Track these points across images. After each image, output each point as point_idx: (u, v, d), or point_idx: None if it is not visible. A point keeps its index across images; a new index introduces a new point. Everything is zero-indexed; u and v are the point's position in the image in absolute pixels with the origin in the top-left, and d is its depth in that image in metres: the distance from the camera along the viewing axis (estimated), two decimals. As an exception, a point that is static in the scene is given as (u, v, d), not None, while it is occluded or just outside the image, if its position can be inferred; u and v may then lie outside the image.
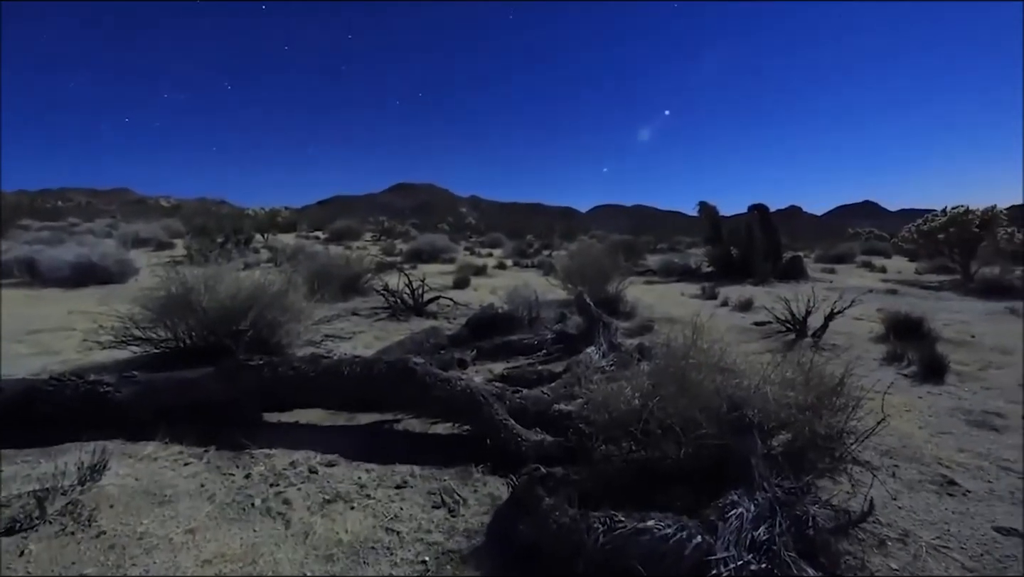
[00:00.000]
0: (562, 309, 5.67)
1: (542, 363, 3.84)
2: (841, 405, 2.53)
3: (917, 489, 2.36)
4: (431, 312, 5.93)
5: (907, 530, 2.02)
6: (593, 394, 2.58)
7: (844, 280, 10.84)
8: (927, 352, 4.16)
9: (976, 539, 1.98)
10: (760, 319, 5.99)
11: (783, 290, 8.33)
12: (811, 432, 2.41)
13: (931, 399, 3.54)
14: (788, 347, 4.92)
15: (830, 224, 71.66)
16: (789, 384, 2.59)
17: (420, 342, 3.95)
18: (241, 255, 10.29)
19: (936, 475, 2.48)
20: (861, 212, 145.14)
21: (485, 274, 10.54)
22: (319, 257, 7.71)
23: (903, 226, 13.48)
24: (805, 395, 2.53)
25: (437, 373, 2.74)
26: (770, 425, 2.48)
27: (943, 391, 3.71)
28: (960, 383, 3.88)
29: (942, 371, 3.98)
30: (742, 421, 2.26)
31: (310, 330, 4.15)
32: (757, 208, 12.39)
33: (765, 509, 1.82)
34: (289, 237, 18.01)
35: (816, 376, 2.60)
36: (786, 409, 2.47)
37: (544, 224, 34.95)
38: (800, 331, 5.20)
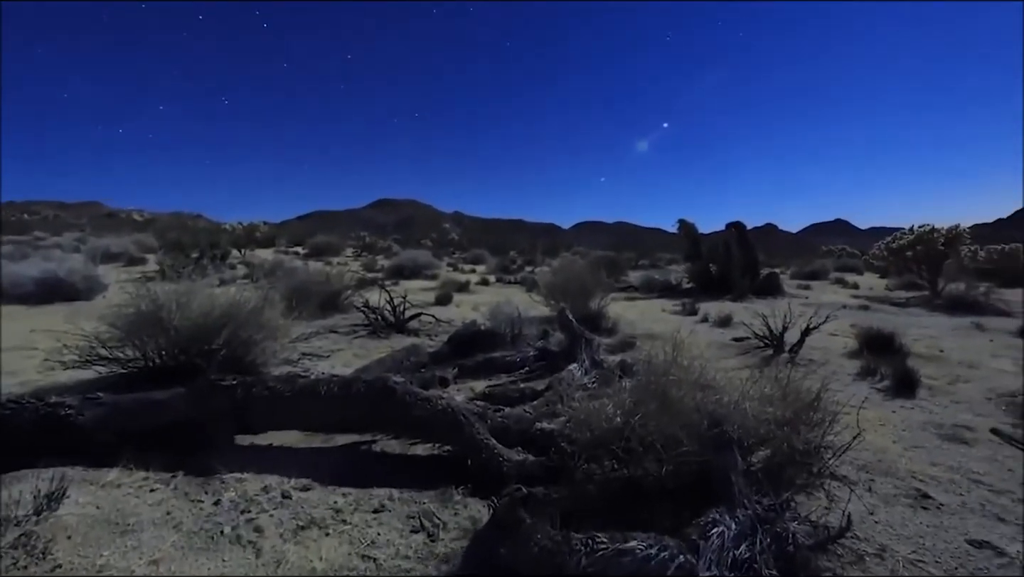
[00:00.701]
0: (545, 326, 5.68)
1: (524, 380, 3.82)
2: (818, 420, 2.57)
3: (893, 503, 2.39)
4: (413, 329, 5.87)
5: (884, 545, 2.04)
6: (575, 412, 2.57)
7: (819, 296, 11.12)
8: (899, 367, 4.27)
9: (950, 552, 2.01)
10: (739, 335, 6.08)
11: (761, 306, 8.51)
12: (789, 448, 2.44)
13: (904, 413, 3.63)
14: (766, 362, 5.00)
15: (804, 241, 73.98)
16: (767, 400, 2.63)
17: (400, 360, 3.90)
18: (217, 271, 10.05)
19: (911, 489, 2.52)
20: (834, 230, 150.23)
21: (468, 290, 10.50)
22: (298, 273, 7.58)
23: (873, 244, 13.96)
24: (783, 410, 2.57)
25: (417, 392, 2.69)
26: (750, 441, 2.50)
27: (915, 405, 3.80)
28: (931, 397, 3.99)
29: (914, 385, 4.09)
30: (722, 437, 2.27)
31: (287, 348, 4.05)
32: (734, 225, 12.70)
33: (746, 527, 1.82)
34: (267, 252, 17.70)
35: (793, 391, 2.64)
36: (765, 425, 2.50)
37: (527, 240, 35.18)
38: (778, 346, 5.30)
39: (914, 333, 6.39)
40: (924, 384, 4.16)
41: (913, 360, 4.80)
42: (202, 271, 8.56)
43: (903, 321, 7.58)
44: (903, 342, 5.35)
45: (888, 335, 5.38)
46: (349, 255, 20.17)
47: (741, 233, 12.47)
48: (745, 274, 11.45)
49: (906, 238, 11.79)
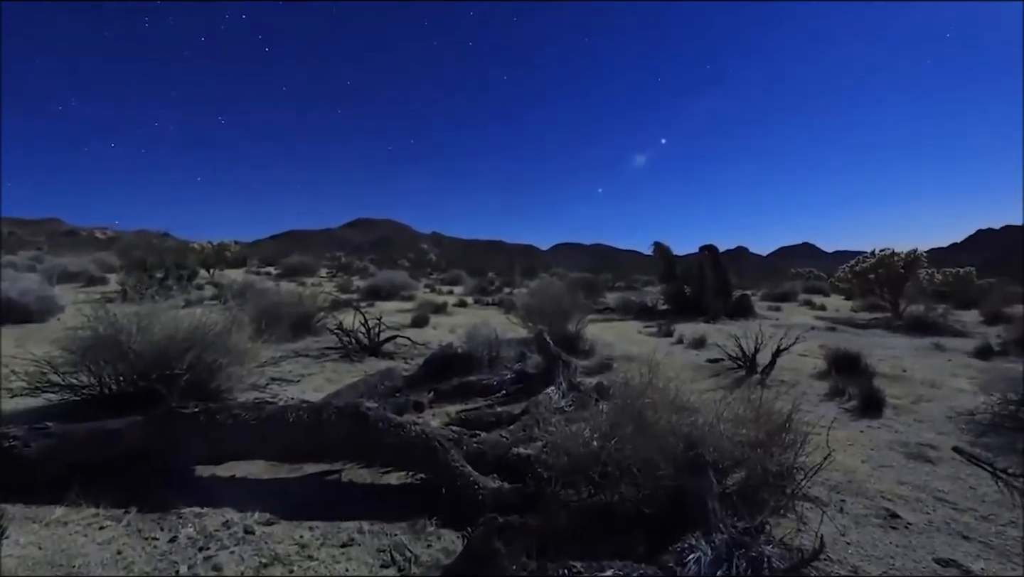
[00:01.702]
0: (522, 348, 5.65)
1: (501, 404, 3.77)
2: (790, 441, 2.61)
3: (863, 524, 2.42)
4: (388, 352, 5.75)
5: (856, 566, 2.05)
6: (552, 436, 2.54)
7: (788, 317, 11.45)
8: (866, 387, 4.40)
9: (919, 572, 2.04)
10: (713, 356, 6.18)
11: (734, 327, 8.69)
12: (763, 469, 2.46)
13: (871, 433, 3.72)
14: (739, 383, 5.08)
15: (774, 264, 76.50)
16: (741, 421, 2.66)
17: (374, 385, 3.80)
18: (183, 292, 9.71)
19: (880, 509, 2.56)
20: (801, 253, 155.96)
21: (445, 312, 10.41)
22: (269, 294, 7.37)
23: (838, 266, 14.52)
24: (756, 432, 2.60)
25: (391, 418, 2.62)
26: (724, 463, 2.52)
27: (881, 424, 3.91)
28: (896, 416, 4.11)
29: (880, 405, 4.21)
30: (698, 460, 2.28)
31: (254, 373, 3.91)
32: (708, 248, 13.05)
33: (722, 551, 1.81)
34: (238, 273, 17.24)
35: (766, 413, 2.69)
36: (739, 447, 2.52)
37: (505, 261, 35.29)
38: (750, 368, 5.40)
39: (879, 353, 6.62)
40: (889, 404, 4.29)
41: (879, 380, 4.95)
42: (167, 292, 8.26)
43: (868, 342, 7.84)
44: (869, 362, 5.52)
45: (854, 356, 5.55)
46: (324, 276, 19.82)
47: (714, 256, 12.81)
48: (718, 296, 11.72)
49: (868, 261, 12.32)
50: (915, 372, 5.67)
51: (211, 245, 17.55)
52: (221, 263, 17.50)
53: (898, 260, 11.82)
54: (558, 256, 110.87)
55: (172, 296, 7.42)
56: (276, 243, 42.04)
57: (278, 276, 17.60)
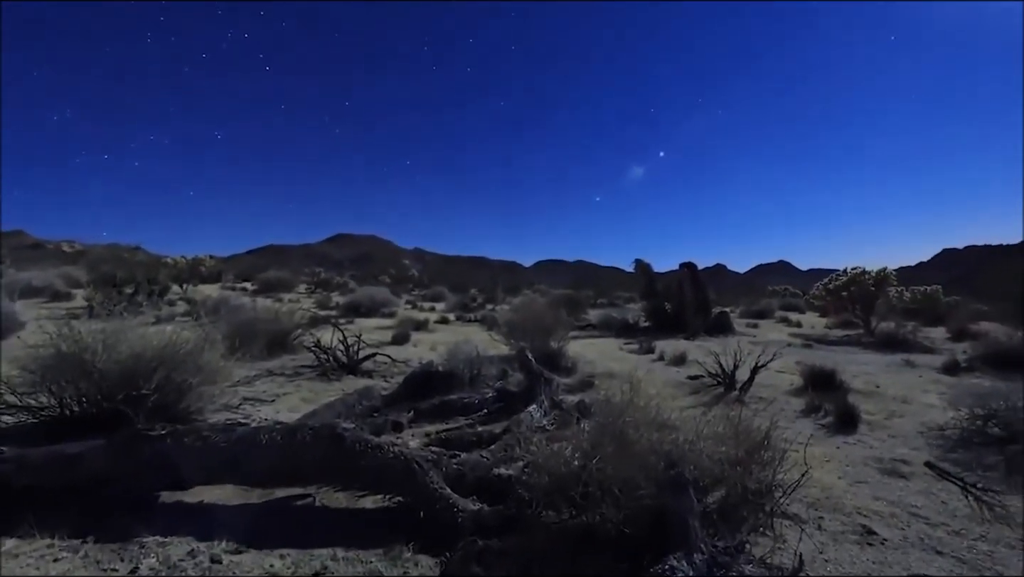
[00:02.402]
0: (504, 365, 5.61)
1: (482, 423, 3.72)
2: (768, 459, 2.63)
3: (840, 540, 2.44)
4: (367, 370, 5.64)
5: (836, 585, 2.05)
6: (533, 456, 2.51)
7: (766, 334, 11.67)
8: (841, 403, 4.49)
9: (897, 590, 2.05)
10: (693, 373, 6.24)
11: (713, 344, 8.81)
12: (743, 488, 2.47)
13: (847, 449, 3.78)
14: (719, 400, 5.12)
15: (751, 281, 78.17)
16: (721, 439, 2.68)
17: (352, 404, 3.71)
18: (153, 308, 9.41)
19: (857, 525, 2.59)
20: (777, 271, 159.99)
21: (426, 329, 10.31)
22: (244, 310, 7.18)
23: (813, 284, 14.91)
24: (736, 449, 2.62)
25: (368, 439, 2.56)
26: (705, 481, 2.52)
27: (857, 440, 3.98)
28: (870, 432, 4.19)
29: (855, 421, 4.29)
30: (679, 479, 2.27)
31: (227, 393, 3.78)
32: (687, 266, 13.28)
33: (703, 571, 1.79)
34: (212, 288, 16.81)
35: (745, 430, 2.71)
36: (719, 465, 2.53)
37: (488, 277, 35.24)
38: (729, 384, 5.46)
39: (853, 370, 6.77)
40: (864, 420, 4.37)
41: (853, 396, 5.06)
42: (136, 308, 7.98)
43: (842, 358, 8.03)
44: (843, 379, 5.64)
45: (830, 372, 5.67)
46: (302, 291, 19.48)
47: (693, 273, 13.04)
48: (698, 313, 11.90)
49: (841, 279, 12.69)
50: (888, 388, 5.81)
51: (185, 260, 17.13)
52: (195, 278, 17.07)
53: (868, 278, 12.21)
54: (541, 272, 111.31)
55: (142, 312, 7.18)
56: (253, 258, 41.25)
57: (255, 292, 17.23)
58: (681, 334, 10.92)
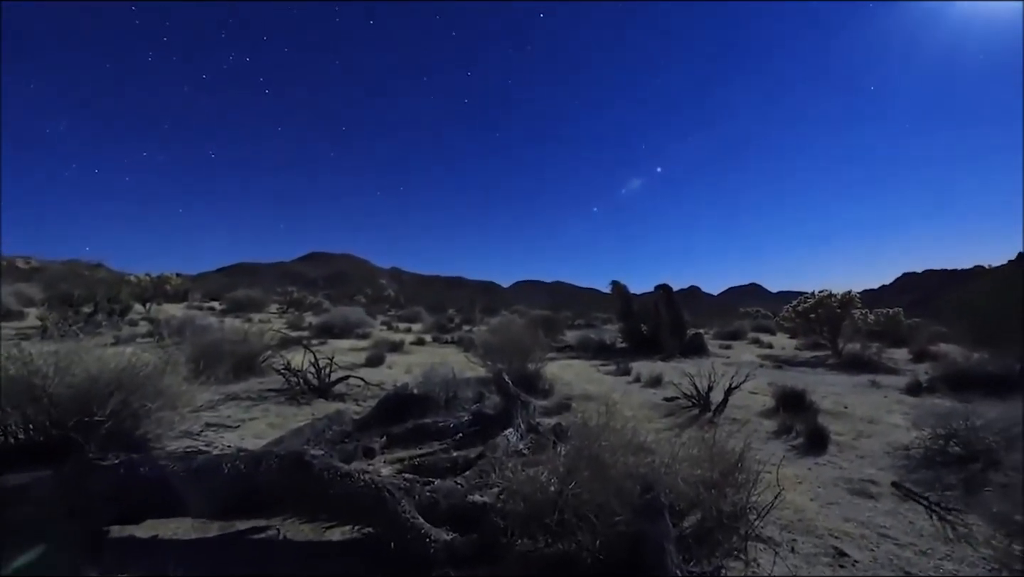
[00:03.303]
0: (481, 388, 5.54)
1: (457, 448, 3.63)
2: (743, 481, 2.64)
3: (813, 563, 2.45)
4: (338, 394, 5.48)
5: (811, 610, 2.05)
6: (509, 483, 2.46)
7: (739, 355, 11.89)
8: (811, 424, 4.57)
9: (869, 613, 2.06)
10: (669, 394, 6.28)
11: (688, 366, 8.92)
12: (718, 511, 2.47)
13: (818, 469, 3.83)
14: (694, 421, 5.16)
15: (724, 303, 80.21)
16: (696, 462, 2.68)
17: (321, 430, 3.58)
18: (113, 328, 8.99)
19: (829, 547, 2.61)
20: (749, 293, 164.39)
21: (402, 350, 10.13)
22: (210, 331, 6.92)
23: (783, 306, 15.33)
24: (711, 471, 2.62)
25: (338, 467, 2.46)
26: (680, 505, 2.51)
27: (827, 461, 4.04)
28: (840, 452, 4.27)
29: (825, 442, 4.37)
30: (654, 504, 2.26)
31: (188, 419, 3.60)
32: (663, 288, 13.53)
33: (680, 602, 1.77)
34: (178, 308, 16.22)
35: (719, 452, 2.72)
36: (694, 488, 2.53)
37: (466, 298, 35.14)
38: (704, 406, 5.51)
39: (822, 391, 6.93)
40: (833, 440, 4.45)
41: (822, 416, 5.16)
42: (94, 328, 7.61)
43: (812, 379, 8.23)
44: (813, 399, 5.77)
45: (800, 393, 5.79)
46: (273, 311, 18.98)
47: (669, 295, 13.28)
48: (673, 334, 12.07)
49: (809, 302, 13.10)
50: (855, 408, 5.97)
51: (150, 277, 16.49)
52: (160, 297, 16.45)
53: (835, 301, 12.65)
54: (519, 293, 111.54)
55: (100, 333, 6.84)
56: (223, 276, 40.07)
57: (223, 312, 16.69)
58: (657, 355, 11.04)
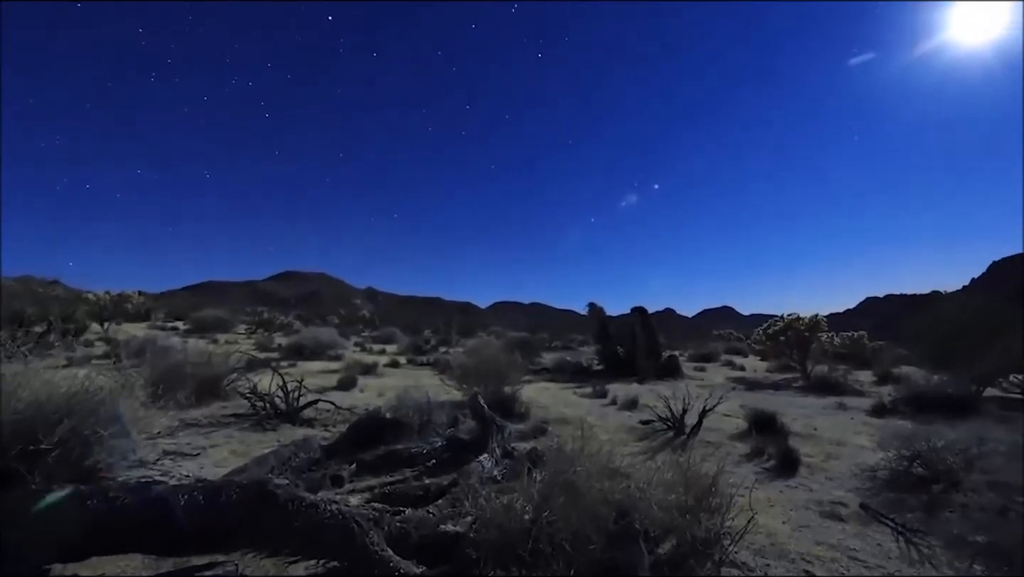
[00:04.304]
0: (456, 412, 5.44)
1: (430, 475, 3.53)
2: (716, 505, 2.65)
3: (788, 589, 2.45)
4: (307, 418, 5.28)
5: (785, 638, 2.03)
6: (482, 511, 2.40)
7: (712, 377, 12.08)
8: (782, 447, 4.64)
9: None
10: (645, 417, 6.29)
11: (663, 388, 9.00)
12: (692, 537, 2.46)
13: (789, 493, 3.87)
14: (669, 444, 5.17)
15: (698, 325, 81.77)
16: (671, 486, 2.68)
17: (287, 457, 3.43)
18: (67, 349, 8.52)
19: (801, 571, 2.62)
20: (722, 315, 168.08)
21: (375, 373, 9.90)
22: (172, 353, 6.61)
23: (754, 328, 15.69)
24: (686, 496, 2.62)
25: (303, 497, 2.35)
26: (655, 532, 2.50)
27: (798, 484, 4.09)
28: (810, 474, 4.33)
29: (795, 464, 4.44)
30: (629, 531, 2.23)
31: (144, 446, 3.41)
32: (638, 310, 13.72)
33: (656, 634, 1.73)
34: (139, 327, 15.53)
35: (694, 476, 2.73)
36: (669, 513, 2.52)
37: (443, 319, 34.81)
38: (679, 429, 5.54)
39: (792, 413, 7.07)
40: (804, 462, 4.52)
41: (793, 439, 5.25)
42: (46, 349, 7.19)
43: (782, 401, 8.40)
44: (784, 421, 5.87)
45: (771, 415, 5.89)
46: (241, 332, 18.38)
47: (644, 317, 13.47)
48: (649, 356, 12.19)
49: (779, 324, 13.47)
50: (824, 431, 6.09)
51: (109, 296, 15.77)
52: (119, 316, 15.74)
53: (803, 324, 13.04)
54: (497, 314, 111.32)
55: (51, 354, 6.46)
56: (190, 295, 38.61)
57: (187, 332, 16.07)
58: (633, 378, 11.11)
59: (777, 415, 5.92)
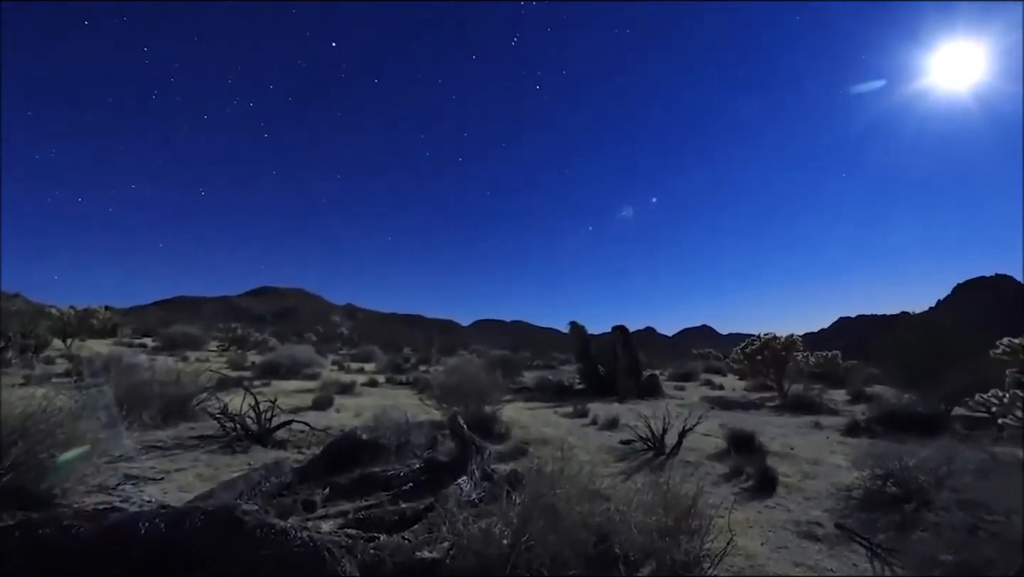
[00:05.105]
0: (435, 432, 5.35)
1: (407, 499, 3.43)
2: (696, 527, 2.64)
3: (767, 613, 2.43)
4: (280, 440, 5.10)
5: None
6: (460, 537, 2.34)
7: (692, 396, 12.15)
8: (761, 467, 4.67)
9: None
10: (625, 437, 6.28)
11: (644, 407, 9.00)
12: (672, 560, 2.44)
13: (767, 513, 3.89)
14: (649, 464, 5.15)
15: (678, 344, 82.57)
16: (651, 508, 2.67)
17: (257, 481, 3.29)
18: (25, 366, 8.12)
19: (780, 595, 2.60)
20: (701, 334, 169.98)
21: (352, 392, 9.67)
22: (139, 371, 6.33)
23: (733, 348, 15.88)
24: (665, 518, 2.61)
25: (272, 523, 2.26)
26: (634, 556, 2.47)
27: (776, 504, 4.11)
28: (788, 494, 4.36)
29: (773, 484, 4.47)
30: (608, 555, 2.20)
31: (104, 470, 3.24)
32: (619, 329, 13.79)
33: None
34: (104, 344, 14.93)
35: (674, 497, 2.72)
36: (648, 536, 2.50)
37: (423, 337, 34.45)
38: (659, 449, 5.54)
39: (769, 432, 7.15)
40: (781, 482, 4.55)
41: (771, 458, 5.29)
42: (2, 366, 6.84)
43: (760, 420, 8.49)
44: (762, 441, 5.92)
45: (749, 435, 5.94)
46: (213, 349, 17.83)
47: (625, 336, 13.53)
48: (629, 375, 12.23)
49: (756, 344, 13.69)
50: (801, 450, 6.16)
51: (74, 311, 15.14)
52: (83, 332, 15.11)
53: (779, 343, 13.28)
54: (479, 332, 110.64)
55: (7, 373, 6.14)
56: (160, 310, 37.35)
57: (156, 349, 15.51)
58: (614, 397, 11.11)
59: (755, 434, 5.97)
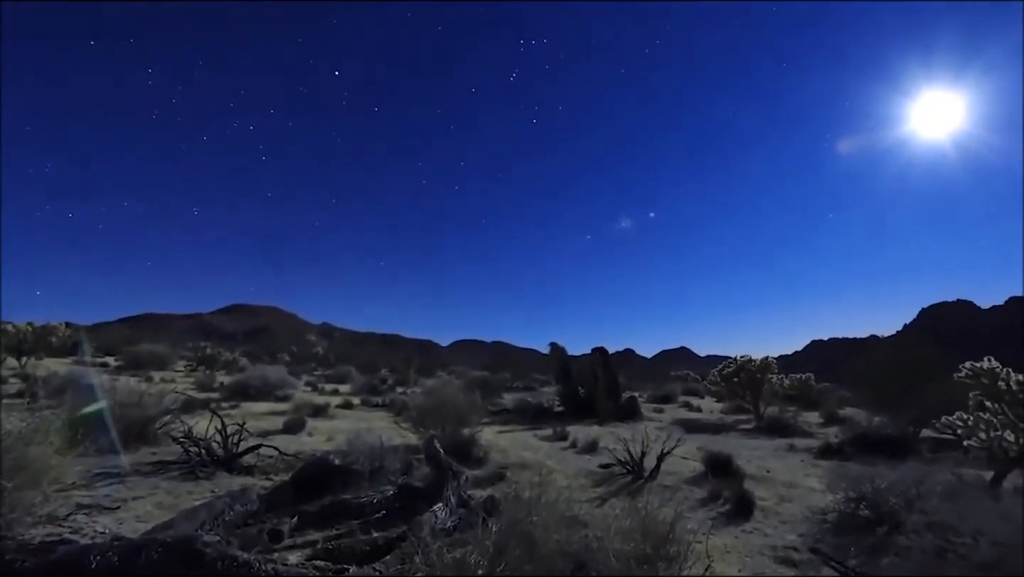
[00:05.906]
0: (410, 457, 5.21)
1: (379, 527, 3.31)
2: (674, 554, 2.61)
3: (746, 642, 2.40)
4: (247, 466, 4.88)
5: None
6: (433, 568, 2.26)
7: (671, 418, 12.20)
8: (737, 491, 4.68)
9: None
10: (604, 460, 6.23)
11: (623, 430, 8.99)
12: (651, 590, 2.39)
13: (745, 538, 3.88)
14: (627, 488, 5.11)
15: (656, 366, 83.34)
16: (628, 534, 2.62)
17: (221, 510, 3.13)
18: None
19: (759, 623, 2.58)
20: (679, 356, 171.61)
21: (326, 415, 9.39)
22: (99, 392, 6.04)
23: (710, 370, 16.10)
24: (643, 544, 2.57)
25: (236, 555, 2.15)
26: (614, 586, 2.41)
27: (753, 528, 4.11)
28: (764, 518, 4.37)
29: (751, 508, 4.48)
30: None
31: (54, 499, 3.04)
32: (599, 351, 13.85)
33: None
34: (62, 363, 14.23)
35: (651, 523, 2.69)
36: (626, 564, 2.45)
37: (401, 357, 33.96)
38: (637, 473, 5.51)
39: (746, 455, 7.20)
40: (758, 505, 4.57)
41: (748, 481, 5.32)
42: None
43: (737, 443, 8.56)
44: (739, 464, 5.96)
45: (726, 458, 5.97)
46: (180, 369, 17.18)
47: (605, 358, 13.59)
48: (609, 397, 12.23)
49: (732, 366, 13.91)
50: (776, 473, 6.22)
51: (31, 328, 14.42)
52: (40, 350, 14.38)
53: (754, 366, 13.53)
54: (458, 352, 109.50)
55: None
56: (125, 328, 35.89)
57: (118, 368, 14.85)
58: (593, 419, 11.07)
59: (732, 457, 6.01)
